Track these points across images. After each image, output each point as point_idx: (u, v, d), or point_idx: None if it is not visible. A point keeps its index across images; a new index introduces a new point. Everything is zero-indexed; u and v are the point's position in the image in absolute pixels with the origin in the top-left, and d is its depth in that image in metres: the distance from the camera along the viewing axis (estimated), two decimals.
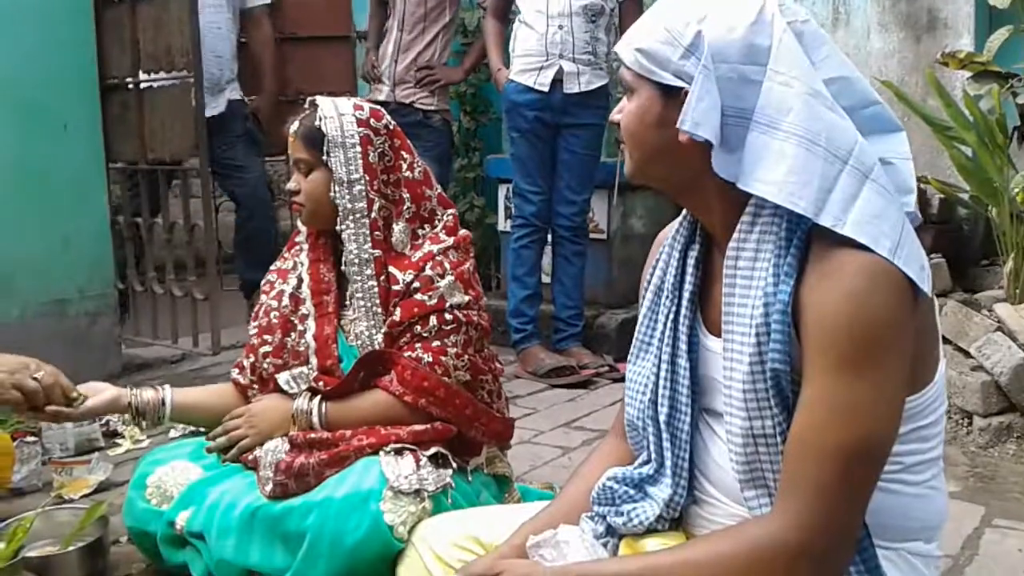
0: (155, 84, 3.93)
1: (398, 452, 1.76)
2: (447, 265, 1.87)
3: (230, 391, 2.04)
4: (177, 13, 3.74)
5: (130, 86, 3.97)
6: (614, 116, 1.31)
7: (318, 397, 1.85)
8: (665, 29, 1.21)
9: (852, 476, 1.12)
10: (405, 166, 1.92)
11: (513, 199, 3.93)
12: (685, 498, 1.30)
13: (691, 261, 1.31)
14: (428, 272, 1.86)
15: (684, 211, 1.35)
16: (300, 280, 1.96)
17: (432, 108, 4.16)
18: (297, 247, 2.03)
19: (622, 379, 1.65)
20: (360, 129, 1.89)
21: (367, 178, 1.87)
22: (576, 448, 2.95)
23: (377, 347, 1.85)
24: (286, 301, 1.96)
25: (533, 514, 1.43)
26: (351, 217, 1.87)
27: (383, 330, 1.85)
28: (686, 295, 1.31)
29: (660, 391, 1.31)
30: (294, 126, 1.92)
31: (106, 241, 3.87)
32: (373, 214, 1.88)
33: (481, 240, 4.82)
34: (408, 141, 1.98)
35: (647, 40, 1.22)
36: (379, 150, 1.90)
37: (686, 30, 1.19)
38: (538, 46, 3.66)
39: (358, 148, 1.88)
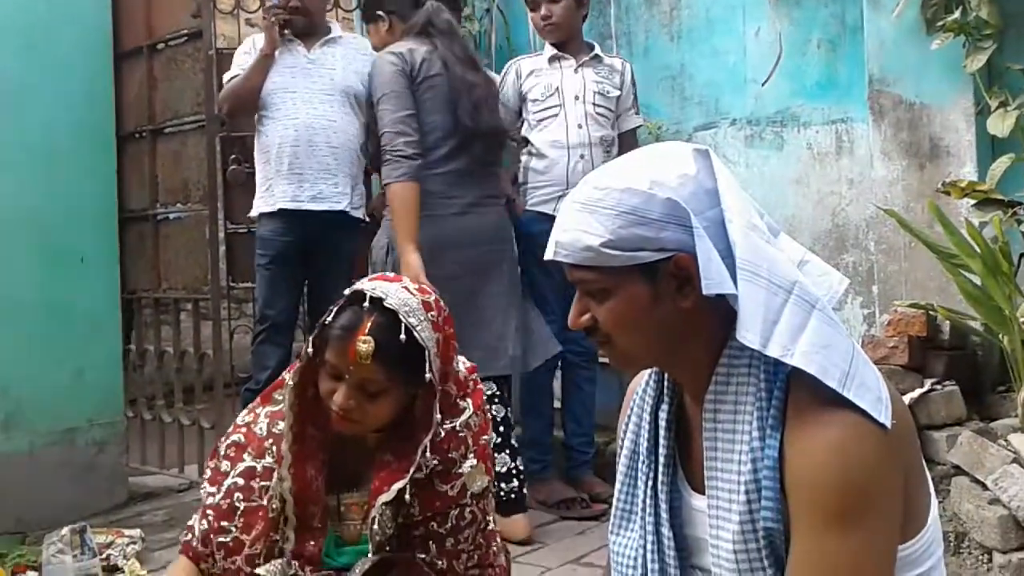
0: (171, 216, 4.02)
1: None
2: (469, 441, 1.72)
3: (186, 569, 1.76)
4: (195, 148, 3.87)
5: (148, 218, 4.07)
6: (581, 322, 1.24)
7: None
8: (624, 213, 1.17)
9: None
10: (453, 357, 1.75)
11: None
12: None
13: (663, 422, 1.28)
14: (451, 455, 1.70)
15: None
16: (282, 480, 1.70)
17: None
18: (274, 419, 1.76)
19: None
20: (436, 334, 1.66)
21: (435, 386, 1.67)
22: None
23: (390, 537, 1.69)
24: (275, 503, 1.70)
25: None
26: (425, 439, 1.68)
27: (398, 520, 1.70)
28: (662, 459, 1.27)
29: (649, 564, 1.27)
30: (366, 344, 1.59)
31: (117, 370, 3.91)
32: (436, 429, 1.68)
33: None
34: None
35: (608, 232, 1.17)
36: (443, 350, 1.69)
37: (650, 204, 1.17)
38: (559, 175, 3.73)
39: (437, 359, 1.66)
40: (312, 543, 1.70)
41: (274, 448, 1.73)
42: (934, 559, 1.20)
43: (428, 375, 1.63)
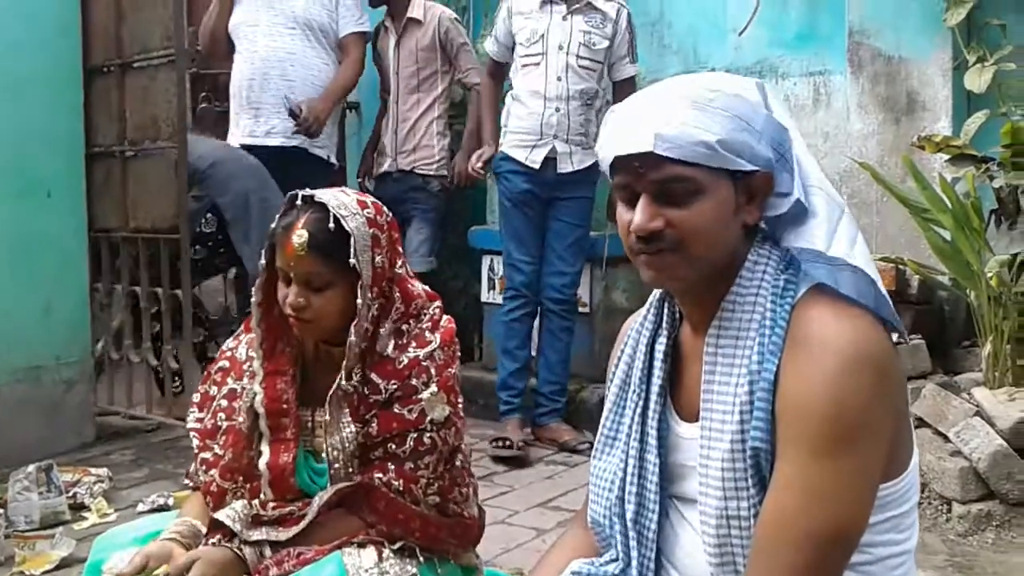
0: (140, 153, 3.94)
1: (361, 545, 1.70)
2: (432, 371, 1.75)
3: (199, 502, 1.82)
4: (164, 84, 3.78)
5: (115, 154, 3.98)
6: (653, 226, 1.18)
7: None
8: (736, 117, 1.18)
9: (826, 562, 1.12)
10: (400, 262, 1.80)
11: (505, 269, 3.95)
12: None
13: (659, 353, 1.30)
14: (412, 381, 1.73)
15: (652, 299, 1.34)
16: (255, 394, 1.77)
17: (431, 173, 4.29)
18: (253, 344, 1.82)
19: None
20: (371, 230, 1.73)
21: (373, 285, 1.72)
22: (551, 530, 2.90)
23: (350, 455, 1.74)
24: (242, 416, 1.78)
25: None
26: (352, 326, 1.72)
27: (358, 440, 1.74)
28: (655, 387, 1.29)
29: (627, 487, 1.29)
30: (300, 237, 1.68)
31: (85, 308, 3.86)
32: (366, 323, 1.73)
33: (464, 310, 4.81)
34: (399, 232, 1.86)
35: (723, 132, 1.17)
36: (384, 250, 1.75)
37: (756, 114, 1.20)
38: (533, 125, 3.70)
39: (369, 253, 1.72)
40: (285, 454, 1.75)
41: (250, 369, 1.81)
42: (910, 504, 1.23)
43: (352, 260, 1.69)
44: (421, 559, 1.75)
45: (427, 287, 1.88)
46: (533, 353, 3.93)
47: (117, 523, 2.71)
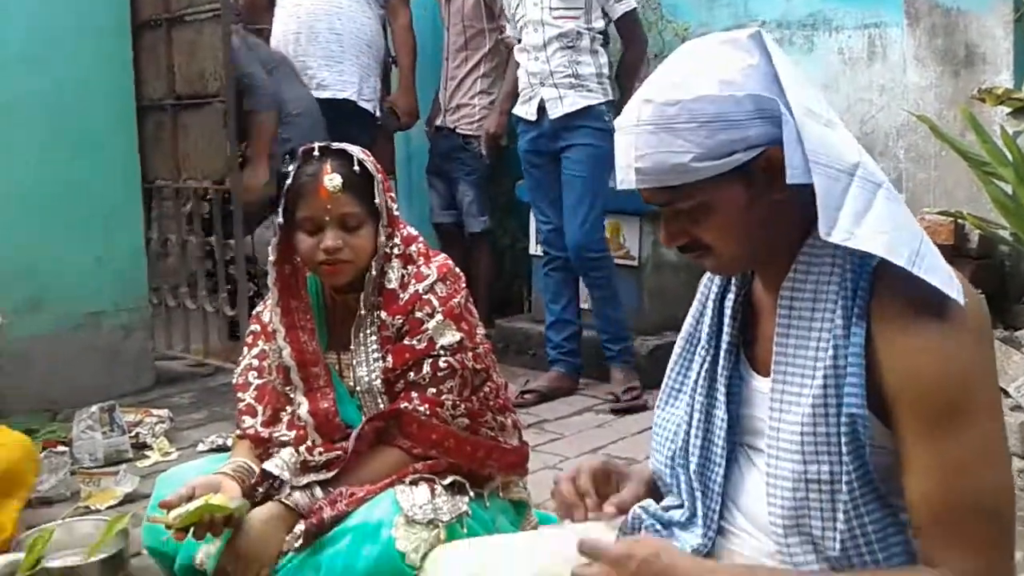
0: (188, 106, 3.98)
1: (413, 482, 1.76)
2: (435, 303, 1.83)
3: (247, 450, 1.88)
4: (210, 38, 3.80)
5: (165, 108, 4.02)
6: (679, 242, 1.21)
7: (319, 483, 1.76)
8: (707, 122, 1.12)
9: (1002, 520, 1.12)
10: (395, 206, 1.90)
11: None
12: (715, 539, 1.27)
13: (727, 310, 1.29)
14: (417, 314, 1.81)
15: None
16: (280, 349, 1.85)
17: (471, 133, 4.35)
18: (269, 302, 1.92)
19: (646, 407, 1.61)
20: (379, 175, 1.84)
21: (389, 224, 1.84)
22: None
23: (377, 392, 1.82)
24: (272, 374, 1.88)
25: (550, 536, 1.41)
26: (372, 260, 1.83)
27: (380, 376, 1.82)
28: (724, 345, 1.27)
29: (692, 440, 1.28)
30: (333, 180, 1.76)
31: (140, 257, 3.94)
32: (383, 259, 1.83)
33: (512, 264, 4.83)
34: None
35: (696, 146, 1.12)
36: (388, 194, 1.86)
37: (728, 105, 1.12)
38: (525, 78, 3.78)
39: (385, 194, 1.84)
40: (324, 401, 1.82)
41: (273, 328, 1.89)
42: None
43: (376, 200, 1.80)
44: (471, 494, 1.81)
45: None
46: (584, 306, 3.93)
47: (178, 462, 2.79)
